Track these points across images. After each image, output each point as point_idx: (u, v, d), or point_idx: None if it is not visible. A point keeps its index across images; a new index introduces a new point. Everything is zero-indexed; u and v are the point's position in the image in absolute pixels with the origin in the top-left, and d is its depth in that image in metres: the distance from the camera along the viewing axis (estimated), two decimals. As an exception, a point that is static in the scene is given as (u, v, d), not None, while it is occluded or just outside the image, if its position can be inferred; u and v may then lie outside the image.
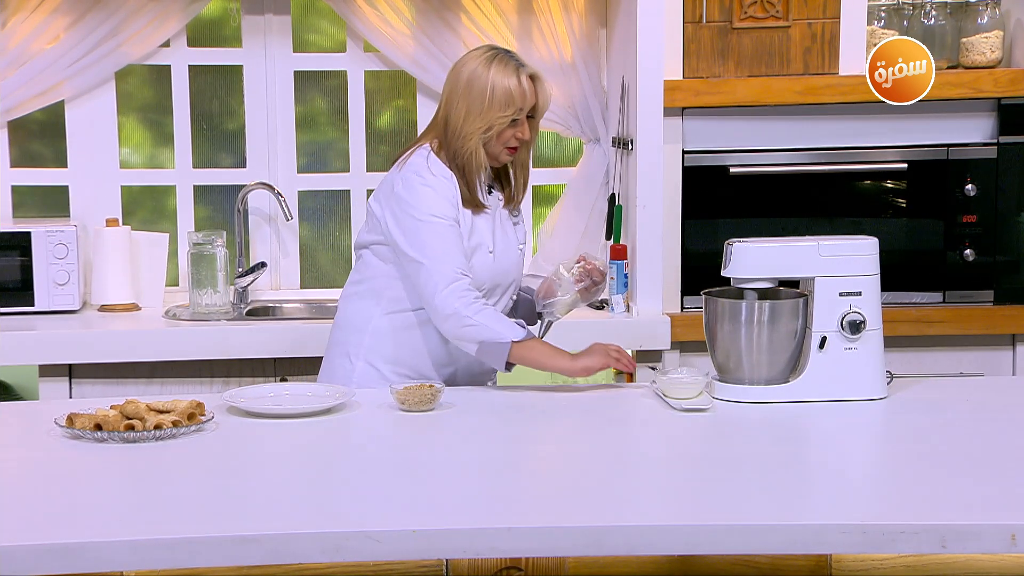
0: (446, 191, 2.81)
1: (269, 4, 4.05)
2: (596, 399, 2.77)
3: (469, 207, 2.86)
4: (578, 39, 4.05)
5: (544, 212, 4.26)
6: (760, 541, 1.97)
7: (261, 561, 1.94)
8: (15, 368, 3.84)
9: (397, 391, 2.64)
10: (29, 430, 2.51)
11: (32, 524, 1.99)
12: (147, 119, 4.14)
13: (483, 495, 2.13)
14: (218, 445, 2.42)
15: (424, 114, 4.16)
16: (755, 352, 2.70)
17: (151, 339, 3.57)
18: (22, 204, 4.06)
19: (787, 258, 2.74)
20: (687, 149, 3.82)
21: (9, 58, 3.85)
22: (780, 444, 2.46)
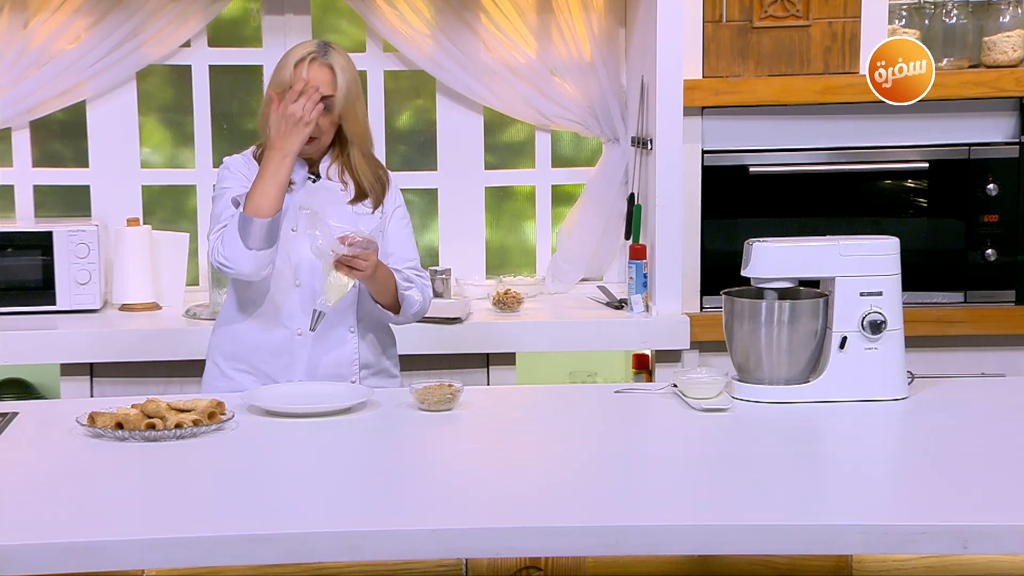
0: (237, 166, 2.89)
1: (289, 4, 4.06)
2: (615, 398, 2.76)
3: None
4: (597, 38, 4.05)
5: (563, 212, 4.26)
6: (780, 541, 1.96)
7: (279, 560, 1.95)
8: (37, 367, 3.86)
9: (416, 390, 2.65)
10: (51, 429, 2.53)
11: (53, 522, 1.99)
12: (167, 119, 4.16)
13: (502, 494, 2.13)
14: (238, 444, 2.42)
15: (443, 113, 4.17)
16: (775, 352, 2.69)
17: (171, 338, 3.58)
18: (44, 204, 4.09)
19: (807, 258, 2.72)
20: (706, 149, 3.81)
21: (31, 58, 3.87)
22: (800, 444, 2.45)
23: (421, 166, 4.24)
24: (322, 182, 2.91)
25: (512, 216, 4.33)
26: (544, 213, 4.28)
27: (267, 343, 2.89)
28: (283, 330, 2.88)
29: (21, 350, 3.55)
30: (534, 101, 4.08)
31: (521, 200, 4.32)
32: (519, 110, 4.12)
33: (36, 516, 2.02)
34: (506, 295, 3.85)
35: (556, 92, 4.08)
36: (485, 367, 3.74)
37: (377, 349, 2.99)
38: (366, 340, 2.95)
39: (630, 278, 3.80)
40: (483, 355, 3.73)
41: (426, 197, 4.27)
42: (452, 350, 3.68)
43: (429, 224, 4.28)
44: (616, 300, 3.92)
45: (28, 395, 3.91)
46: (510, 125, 4.26)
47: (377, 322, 2.98)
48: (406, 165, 4.24)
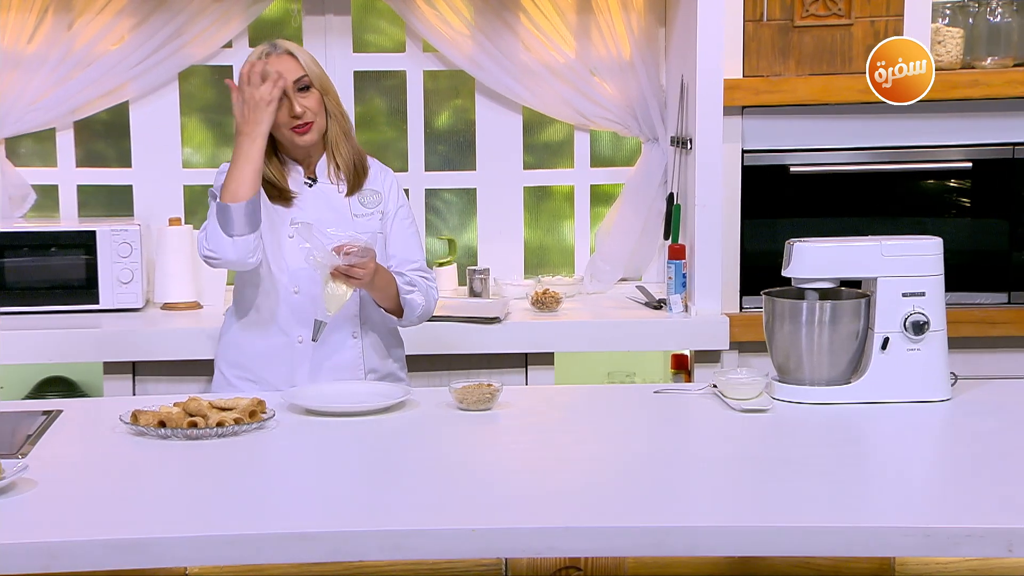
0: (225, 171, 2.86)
1: (330, 4, 4.08)
2: (655, 398, 2.75)
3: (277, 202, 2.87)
4: (637, 38, 4.04)
5: (601, 212, 4.25)
6: (821, 543, 1.95)
7: (321, 558, 1.96)
8: (80, 365, 3.89)
9: (455, 390, 2.65)
10: (94, 427, 2.55)
11: (97, 520, 2.01)
12: (209, 119, 4.19)
13: (542, 494, 2.13)
14: (279, 443, 2.44)
15: (482, 114, 4.18)
16: (816, 353, 2.68)
17: (212, 337, 3.60)
18: (87, 203, 4.13)
19: (849, 258, 2.71)
20: (746, 148, 3.79)
21: (75, 59, 3.91)
22: (841, 446, 2.44)
23: (460, 166, 4.24)
24: (319, 186, 2.91)
25: (551, 216, 4.33)
26: (583, 213, 4.27)
27: (268, 352, 2.90)
28: (284, 338, 2.89)
29: (65, 348, 3.59)
30: (573, 101, 4.08)
31: (560, 200, 4.32)
32: (558, 110, 4.12)
33: (80, 513, 2.04)
34: (544, 295, 3.85)
35: (595, 92, 4.07)
36: (523, 367, 3.74)
37: (382, 352, 2.98)
38: (370, 344, 2.95)
39: (669, 278, 3.79)
40: (521, 355, 3.73)
41: (465, 197, 4.27)
42: (490, 350, 3.68)
43: (468, 224, 4.29)
44: (655, 300, 3.91)
45: (71, 393, 3.95)
46: (549, 125, 4.26)
47: (381, 325, 2.97)
48: (445, 165, 4.25)
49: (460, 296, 4.05)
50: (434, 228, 4.26)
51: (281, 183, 2.87)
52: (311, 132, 2.84)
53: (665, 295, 3.85)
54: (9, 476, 2.10)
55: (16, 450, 2.35)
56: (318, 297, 2.78)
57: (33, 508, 2.05)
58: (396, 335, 3.03)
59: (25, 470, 2.15)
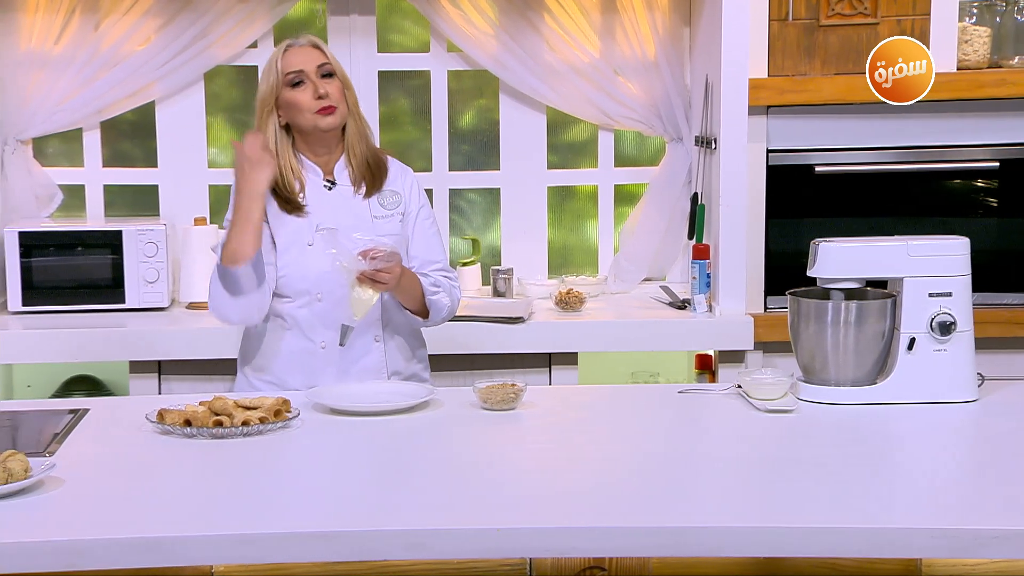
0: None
1: (354, 5, 4.09)
2: (679, 399, 2.75)
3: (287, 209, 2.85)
4: (661, 37, 4.03)
5: (625, 212, 4.25)
6: (847, 544, 1.94)
7: (346, 558, 1.96)
8: (106, 364, 3.92)
9: (479, 390, 2.65)
10: (120, 425, 2.56)
11: (123, 518, 2.02)
12: (234, 119, 4.20)
13: (566, 494, 2.13)
14: (303, 442, 2.44)
15: (507, 113, 4.18)
16: (841, 353, 2.67)
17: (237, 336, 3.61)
18: (113, 203, 4.15)
19: (875, 258, 2.70)
20: (771, 148, 3.78)
21: (102, 60, 3.93)
22: (867, 446, 2.43)
23: (484, 166, 4.25)
24: (338, 189, 2.91)
25: (575, 216, 4.32)
26: (607, 213, 4.27)
27: (292, 356, 2.89)
28: (307, 344, 2.88)
29: (91, 348, 3.61)
30: (597, 100, 4.08)
31: (584, 200, 4.32)
32: (582, 110, 4.11)
33: (107, 512, 2.05)
34: (568, 295, 3.84)
35: (620, 91, 4.07)
36: (547, 367, 3.74)
37: (407, 354, 2.98)
38: (393, 347, 2.94)
39: (693, 278, 3.78)
40: (545, 355, 3.73)
41: (489, 197, 4.28)
42: (514, 350, 3.68)
43: (491, 224, 4.29)
44: (679, 300, 3.91)
45: (98, 392, 3.97)
46: (573, 125, 4.26)
47: (404, 327, 2.96)
48: (469, 165, 4.25)
49: (484, 296, 4.06)
50: (458, 228, 4.26)
51: (292, 193, 2.86)
52: (335, 115, 2.83)
53: (689, 295, 3.84)
54: (37, 474, 2.12)
55: (43, 448, 2.36)
56: (342, 302, 2.78)
57: (60, 506, 2.06)
58: (419, 336, 3.03)
59: (52, 468, 2.16)
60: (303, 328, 2.87)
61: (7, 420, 2.65)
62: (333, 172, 2.91)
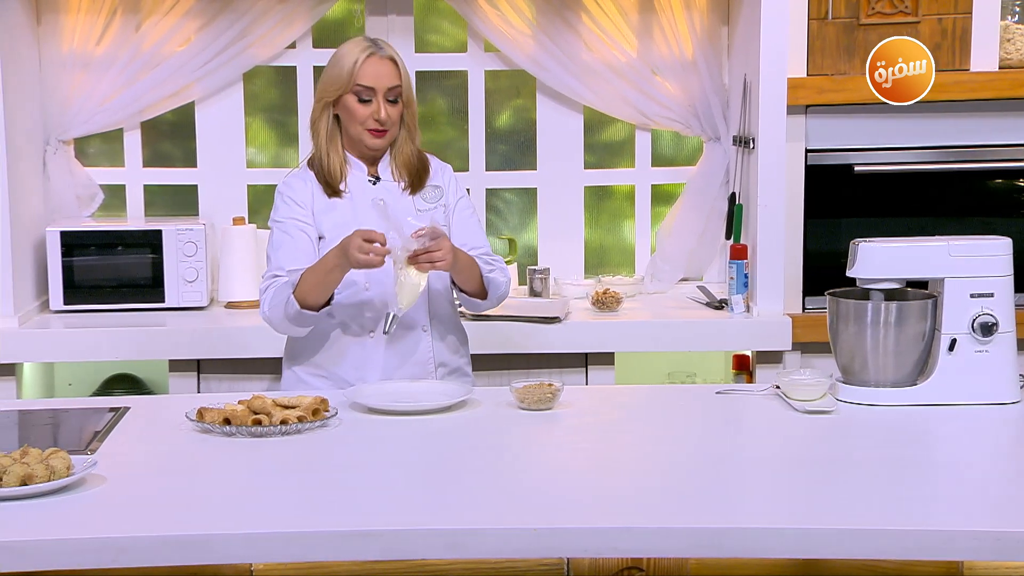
0: (291, 190, 2.91)
1: (392, 5, 4.10)
2: (717, 399, 2.74)
3: (328, 192, 2.89)
4: (699, 37, 4.02)
5: (662, 211, 4.24)
6: (888, 546, 1.93)
7: (383, 556, 1.97)
8: (146, 363, 3.95)
9: (516, 389, 2.65)
10: (161, 424, 2.58)
11: (164, 515, 2.04)
12: (272, 119, 4.23)
13: (604, 494, 2.13)
14: (341, 440, 2.45)
15: (543, 113, 4.17)
16: (881, 354, 2.65)
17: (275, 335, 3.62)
18: (153, 203, 4.18)
19: (916, 258, 2.68)
20: (810, 147, 3.76)
21: (143, 60, 3.96)
22: (907, 448, 2.41)
23: (521, 165, 4.25)
24: (382, 184, 2.93)
25: (611, 215, 4.32)
26: (643, 212, 4.26)
27: (340, 347, 2.91)
28: (354, 333, 2.90)
29: (131, 346, 3.64)
30: (635, 100, 4.07)
31: (620, 199, 4.31)
32: (619, 109, 4.11)
33: (148, 509, 2.07)
34: (605, 295, 3.84)
35: (657, 91, 4.06)
36: (583, 367, 3.74)
37: (453, 347, 2.99)
38: (440, 338, 2.96)
39: (731, 278, 3.76)
40: (581, 355, 3.73)
41: (525, 196, 4.28)
42: (551, 349, 3.68)
43: (528, 223, 4.29)
44: (716, 300, 3.89)
45: (137, 390, 4.00)
46: (610, 124, 4.25)
47: (449, 320, 2.98)
48: (506, 165, 4.25)
49: (520, 296, 4.05)
50: (494, 228, 4.27)
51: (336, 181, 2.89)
52: (383, 139, 2.88)
53: (726, 295, 3.83)
54: (79, 472, 2.14)
55: (85, 446, 2.38)
56: (389, 291, 2.80)
57: (102, 503, 2.08)
58: (462, 331, 3.05)
59: (94, 466, 2.18)
60: (351, 318, 2.89)
61: (49, 418, 2.68)
62: (377, 169, 2.93)
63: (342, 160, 2.91)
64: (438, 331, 2.95)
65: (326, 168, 2.90)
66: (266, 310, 2.85)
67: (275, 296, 2.81)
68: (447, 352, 2.97)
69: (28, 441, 2.30)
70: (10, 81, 3.62)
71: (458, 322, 3.02)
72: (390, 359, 2.89)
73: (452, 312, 2.98)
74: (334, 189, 2.90)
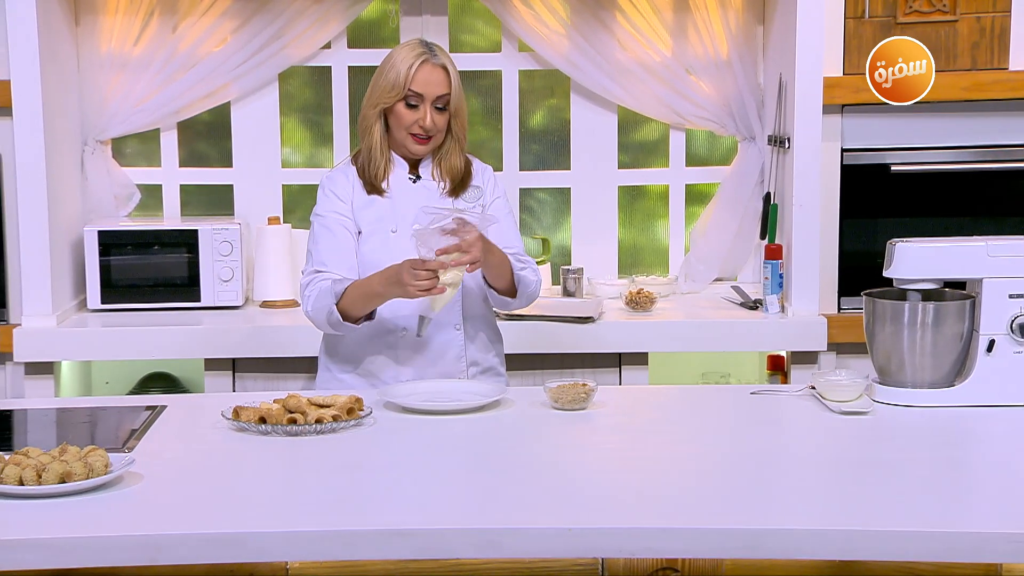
0: (333, 184, 2.93)
1: (427, 5, 4.11)
2: (752, 399, 2.73)
3: (368, 189, 2.91)
4: (735, 36, 4.01)
5: (696, 211, 4.22)
6: (925, 548, 1.92)
7: (418, 555, 1.98)
8: (182, 361, 3.97)
9: (550, 389, 2.65)
10: (197, 422, 2.60)
11: (200, 513, 2.05)
12: (307, 119, 4.24)
13: (638, 494, 2.12)
14: (376, 440, 2.46)
15: (577, 113, 4.17)
16: (918, 355, 2.63)
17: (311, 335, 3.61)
18: (189, 203, 4.21)
19: (953, 258, 2.65)
20: (846, 147, 3.74)
21: (179, 61, 3.99)
22: (944, 449, 2.39)
23: (554, 165, 4.25)
24: (422, 183, 2.94)
25: (645, 215, 4.31)
26: (678, 212, 4.25)
27: (373, 344, 2.92)
28: (389, 331, 2.90)
29: (167, 345, 3.66)
30: (669, 100, 4.06)
31: (654, 199, 4.30)
32: (654, 109, 4.10)
33: (184, 507, 2.09)
34: (639, 295, 3.83)
35: (691, 91, 4.05)
36: (617, 367, 3.73)
37: (485, 346, 2.99)
38: (472, 338, 2.96)
39: (765, 278, 3.75)
40: (615, 355, 3.72)
41: (559, 196, 4.27)
42: (584, 349, 3.68)
43: (562, 223, 4.29)
44: (751, 300, 3.88)
45: (174, 389, 4.03)
46: (644, 124, 4.24)
47: (482, 319, 2.98)
48: (539, 164, 4.25)
49: (554, 296, 4.05)
50: (528, 227, 4.27)
51: (377, 177, 2.91)
52: (427, 146, 2.90)
53: (761, 295, 3.81)
54: (116, 470, 2.15)
55: (122, 444, 2.40)
56: None
57: (139, 501, 2.09)
58: (496, 330, 3.05)
59: (132, 464, 2.20)
60: (384, 315, 2.89)
61: (86, 416, 2.71)
62: (419, 169, 2.94)
63: (388, 161, 2.92)
64: (471, 330, 2.95)
65: (371, 169, 2.91)
66: (309, 309, 2.86)
67: (318, 299, 2.83)
68: (479, 351, 2.97)
69: (66, 439, 2.32)
70: (50, 82, 3.65)
71: (492, 321, 3.02)
72: (422, 358, 2.90)
73: (486, 311, 2.98)
74: (375, 187, 2.92)
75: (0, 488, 2.08)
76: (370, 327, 2.89)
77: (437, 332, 2.89)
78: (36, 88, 3.58)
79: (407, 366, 2.90)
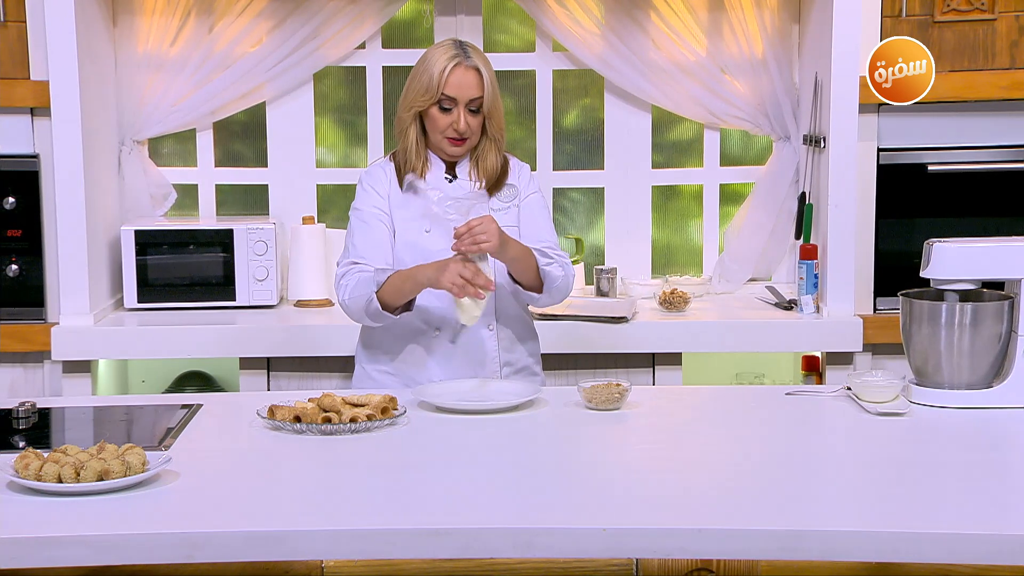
0: (372, 179, 2.95)
1: (461, 5, 4.11)
2: (787, 400, 2.72)
3: (405, 188, 2.92)
4: (770, 35, 3.99)
5: (730, 211, 4.21)
6: (964, 550, 1.90)
7: (453, 555, 1.98)
8: (217, 360, 4.00)
9: (584, 389, 2.65)
10: (233, 421, 2.62)
11: (237, 511, 2.07)
12: (342, 119, 4.26)
13: (673, 495, 2.12)
14: (410, 439, 2.47)
15: (611, 112, 4.16)
16: (956, 356, 2.61)
17: (344, 334, 3.65)
18: (224, 202, 4.23)
19: (992, 258, 2.63)
20: (882, 147, 3.72)
21: (215, 61, 4.01)
22: (982, 451, 2.37)
23: (588, 165, 4.24)
24: (458, 182, 2.94)
25: (679, 215, 4.29)
26: (711, 212, 4.23)
27: (406, 344, 2.92)
28: (421, 331, 2.91)
29: (203, 344, 3.68)
30: (703, 99, 4.04)
31: (688, 199, 4.29)
32: (688, 108, 4.08)
33: (221, 505, 2.10)
34: (672, 295, 3.82)
35: (726, 90, 4.03)
36: (651, 367, 3.72)
37: (518, 346, 2.99)
38: (506, 337, 2.96)
39: (800, 278, 3.73)
40: (649, 355, 3.72)
41: (593, 196, 4.27)
42: (618, 349, 3.67)
43: (595, 223, 4.28)
44: (785, 301, 3.86)
45: (209, 387, 4.05)
46: (678, 123, 4.23)
47: (516, 319, 2.98)
48: (573, 164, 4.25)
49: (587, 296, 4.05)
50: (561, 227, 4.26)
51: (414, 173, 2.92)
52: (462, 148, 2.90)
53: (796, 296, 3.79)
54: (153, 468, 2.17)
55: (158, 442, 2.42)
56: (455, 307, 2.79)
57: (176, 499, 2.11)
58: (531, 329, 3.04)
59: (168, 462, 2.21)
60: (418, 313, 2.90)
61: (123, 414, 2.73)
62: (455, 170, 2.95)
63: (425, 161, 2.93)
64: (504, 329, 2.95)
65: (407, 170, 2.92)
66: (346, 298, 2.86)
67: (357, 287, 2.83)
68: (513, 351, 2.97)
69: (104, 437, 2.34)
70: (87, 82, 3.68)
71: (526, 320, 3.02)
72: (456, 357, 2.90)
73: (519, 310, 2.98)
74: (412, 187, 2.93)
75: (39, 485, 2.10)
76: (404, 327, 2.90)
77: (470, 333, 2.90)
78: (74, 89, 3.61)
79: (439, 366, 2.90)
